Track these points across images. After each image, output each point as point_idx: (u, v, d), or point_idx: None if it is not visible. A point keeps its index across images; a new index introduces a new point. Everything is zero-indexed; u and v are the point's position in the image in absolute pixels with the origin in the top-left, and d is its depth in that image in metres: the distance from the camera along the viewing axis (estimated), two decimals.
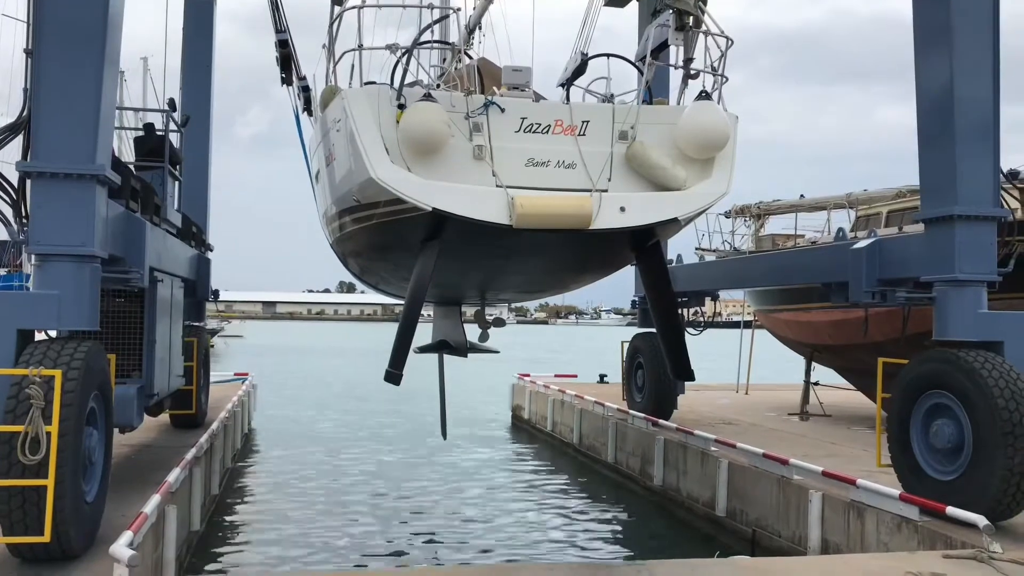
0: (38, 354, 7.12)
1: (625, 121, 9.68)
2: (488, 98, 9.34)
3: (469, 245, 9.93)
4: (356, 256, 12.42)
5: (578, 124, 9.56)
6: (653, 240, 10.51)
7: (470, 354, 14.66)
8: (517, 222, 8.82)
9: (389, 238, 10.26)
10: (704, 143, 9.69)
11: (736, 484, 12.32)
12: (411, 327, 9.90)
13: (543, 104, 9.80)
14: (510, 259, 10.80)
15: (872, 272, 10.87)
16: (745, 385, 22.32)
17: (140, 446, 12.87)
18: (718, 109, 9.78)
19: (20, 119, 7.90)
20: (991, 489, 8.59)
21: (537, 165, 9.39)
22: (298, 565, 11.22)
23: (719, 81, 9.96)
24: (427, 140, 8.94)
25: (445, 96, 9.26)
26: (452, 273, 11.22)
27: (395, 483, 16.50)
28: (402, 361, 9.74)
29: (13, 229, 8.10)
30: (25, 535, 6.82)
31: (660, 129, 9.77)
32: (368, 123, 9.03)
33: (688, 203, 9.70)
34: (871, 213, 16.92)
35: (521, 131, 9.42)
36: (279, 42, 13.90)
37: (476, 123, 9.25)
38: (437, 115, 8.91)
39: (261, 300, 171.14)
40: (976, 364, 8.86)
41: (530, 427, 23.43)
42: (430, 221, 9.11)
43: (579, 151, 9.48)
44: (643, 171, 9.61)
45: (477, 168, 9.21)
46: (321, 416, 26.70)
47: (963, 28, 9.45)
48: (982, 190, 9.55)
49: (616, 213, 9.24)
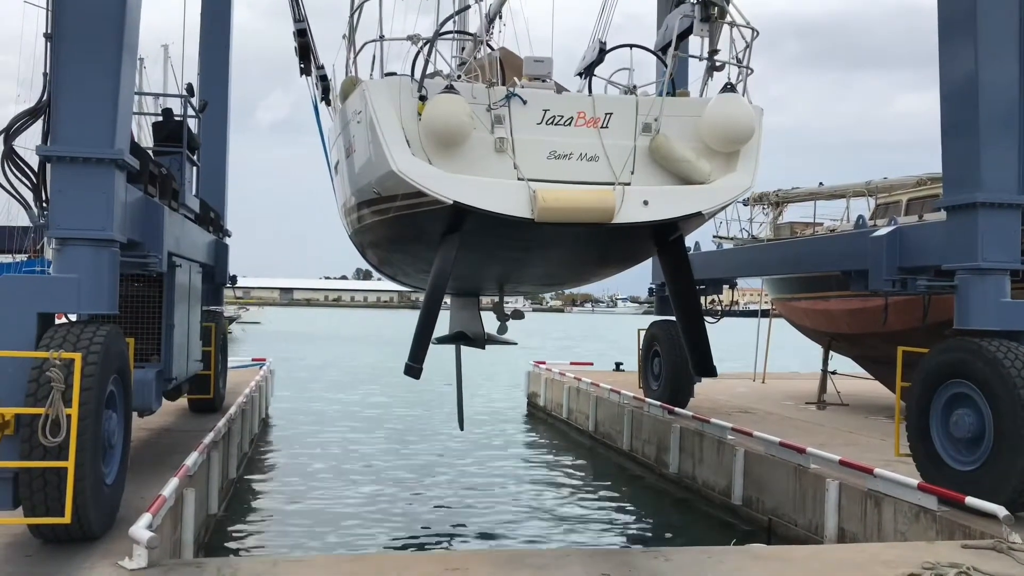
0: (58, 337, 7.18)
1: (649, 113, 9.56)
2: (510, 90, 9.24)
3: (490, 238, 9.85)
4: (375, 248, 12.39)
5: (601, 116, 9.45)
6: (676, 234, 10.38)
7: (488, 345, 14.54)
8: (539, 216, 8.73)
9: (409, 231, 10.21)
10: (729, 136, 9.55)
11: (752, 472, 12.28)
12: (431, 320, 9.82)
13: (565, 96, 9.67)
14: (531, 252, 10.73)
15: (892, 260, 10.76)
16: (762, 374, 22.23)
17: (159, 430, 12.99)
18: (743, 102, 9.63)
19: (40, 104, 7.93)
20: (1012, 479, 8.52)
21: (559, 158, 9.29)
22: (314, 548, 11.30)
23: (744, 73, 9.81)
24: (450, 133, 8.86)
25: (466, 88, 9.16)
26: (472, 265, 11.15)
27: (410, 468, 16.57)
28: (422, 355, 9.66)
29: (34, 213, 8.14)
30: (46, 516, 6.90)
31: (684, 122, 9.64)
32: (389, 115, 8.95)
33: (712, 197, 9.57)
34: (891, 201, 16.75)
35: (543, 123, 9.32)
36: (297, 32, 13.88)
37: (498, 115, 9.15)
38: (460, 108, 8.82)
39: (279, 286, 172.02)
40: (999, 354, 8.77)
41: (545, 414, 23.45)
42: (451, 214, 9.04)
43: (602, 144, 9.38)
44: (667, 164, 9.50)
45: (499, 161, 9.13)
46: (338, 402, 26.84)
47: (988, 14, 9.30)
48: (1006, 177, 9.42)
49: (639, 207, 9.12)
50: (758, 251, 17.84)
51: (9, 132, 7.92)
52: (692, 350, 10.75)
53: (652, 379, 17.77)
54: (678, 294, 10.79)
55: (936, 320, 11.59)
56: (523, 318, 13.52)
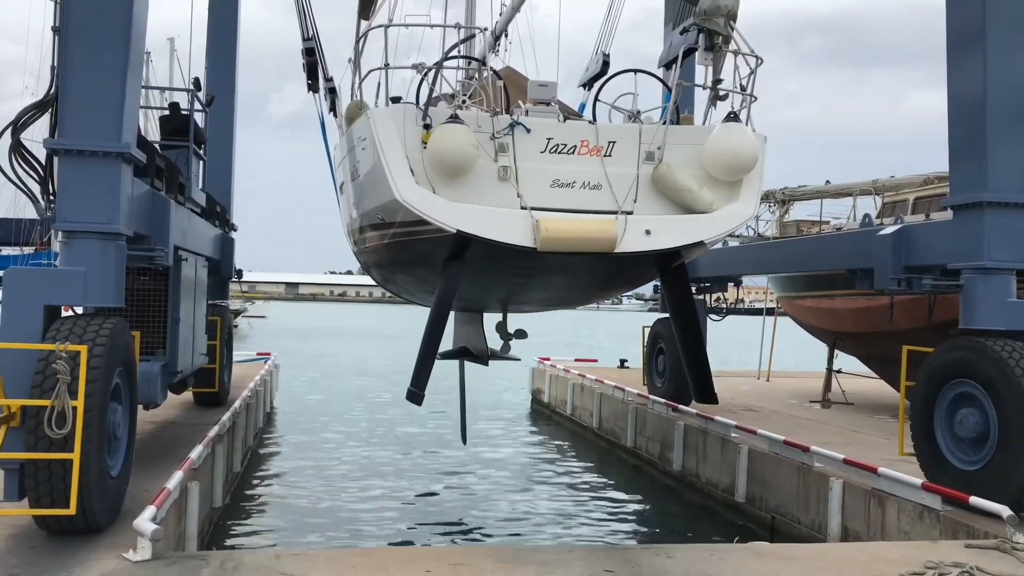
0: (64, 330, 7.20)
1: (652, 142, 9.52)
2: (514, 119, 9.25)
3: (493, 265, 9.85)
4: (379, 268, 12.37)
5: (604, 145, 9.43)
6: (678, 261, 10.32)
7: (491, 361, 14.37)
8: (541, 245, 8.73)
9: (413, 255, 10.22)
10: (732, 166, 9.49)
11: (756, 470, 12.28)
12: (434, 346, 9.75)
13: (569, 125, 9.61)
14: (534, 278, 10.73)
15: (898, 259, 10.73)
16: (767, 372, 22.21)
17: (164, 423, 13.03)
18: (747, 131, 9.55)
19: (48, 97, 7.96)
20: (1016, 479, 8.50)
21: (562, 186, 9.28)
22: (318, 543, 11.34)
23: (748, 101, 9.74)
24: (454, 163, 8.87)
25: (471, 116, 9.14)
26: (475, 288, 11.15)
27: (415, 463, 16.61)
28: (424, 380, 9.60)
29: (41, 207, 8.16)
30: (51, 508, 6.93)
31: (687, 150, 9.59)
32: (393, 143, 8.96)
33: (714, 227, 9.54)
34: (898, 200, 16.70)
35: (547, 151, 9.32)
36: (305, 50, 13.91)
37: (502, 144, 9.16)
38: (465, 138, 8.82)
39: (284, 281, 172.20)
40: (1004, 353, 8.75)
41: (550, 411, 23.46)
42: (454, 242, 9.06)
43: (605, 172, 9.36)
44: (669, 193, 9.46)
45: (502, 189, 9.13)
46: (342, 396, 26.88)
47: (997, 12, 9.27)
48: (1013, 176, 9.38)
49: (641, 236, 9.11)
50: (764, 249, 17.80)
51: (17, 125, 7.95)
52: (693, 376, 10.65)
53: (656, 376, 17.77)
54: (679, 319, 10.69)
55: (942, 319, 11.55)
56: (526, 337, 13.39)
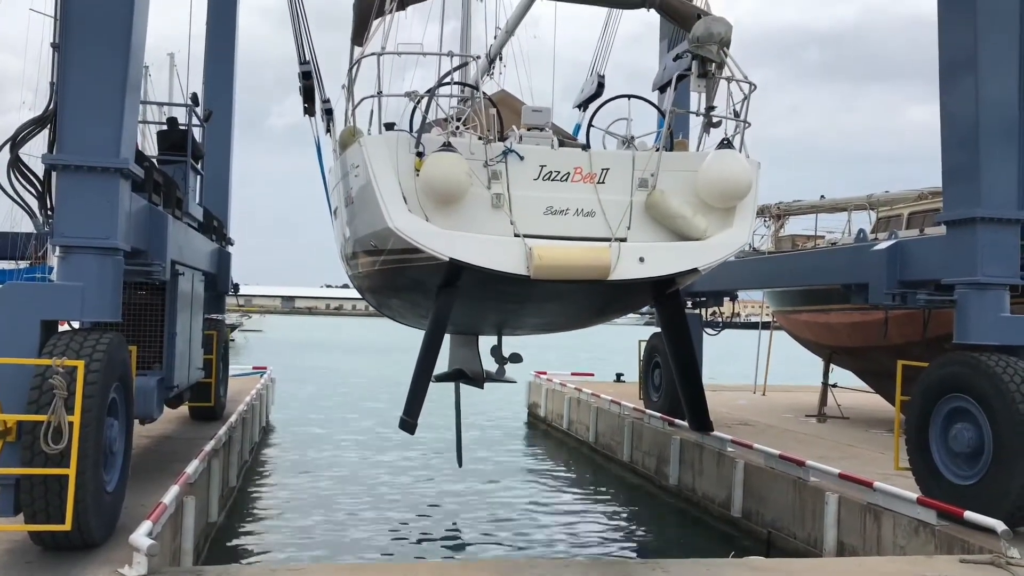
0: (61, 345, 7.21)
1: (645, 169, 9.52)
2: (507, 146, 9.26)
3: (486, 292, 9.84)
4: (372, 292, 12.37)
5: (597, 172, 9.43)
6: (673, 288, 10.34)
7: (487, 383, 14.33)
8: (535, 273, 8.73)
9: (406, 282, 10.21)
10: (726, 193, 9.50)
11: (752, 485, 12.28)
12: (427, 374, 9.71)
13: (562, 152, 9.59)
14: (528, 304, 10.73)
15: (893, 274, 10.79)
16: (763, 386, 22.23)
17: (160, 437, 13.01)
18: (740, 158, 9.56)
19: (47, 112, 8.00)
20: (1010, 494, 8.53)
21: (556, 213, 9.27)
22: (314, 557, 11.30)
23: (741, 127, 9.78)
24: (448, 191, 8.85)
25: (464, 143, 9.12)
26: (469, 314, 11.14)
27: (410, 477, 16.57)
28: (417, 409, 9.54)
29: (38, 221, 8.19)
30: (47, 523, 6.92)
31: (681, 176, 9.60)
32: (386, 171, 8.95)
33: (708, 254, 9.56)
34: (892, 215, 16.79)
35: (540, 179, 9.32)
36: (302, 74, 13.99)
37: (495, 171, 9.14)
38: (458, 167, 8.80)
39: (280, 295, 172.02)
40: (998, 368, 8.79)
41: (546, 425, 23.43)
42: (447, 270, 9.05)
43: (598, 199, 9.36)
44: (663, 220, 9.47)
45: (495, 216, 9.12)
46: (338, 410, 26.82)
47: (989, 26, 9.36)
48: (1006, 193, 9.46)
49: (635, 264, 9.11)
50: (759, 263, 17.86)
51: (16, 140, 7.98)
52: (688, 403, 10.66)
53: (653, 390, 17.77)
54: (674, 346, 10.69)
55: (936, 334, 11.62)
56: (521, 361, 13.37)
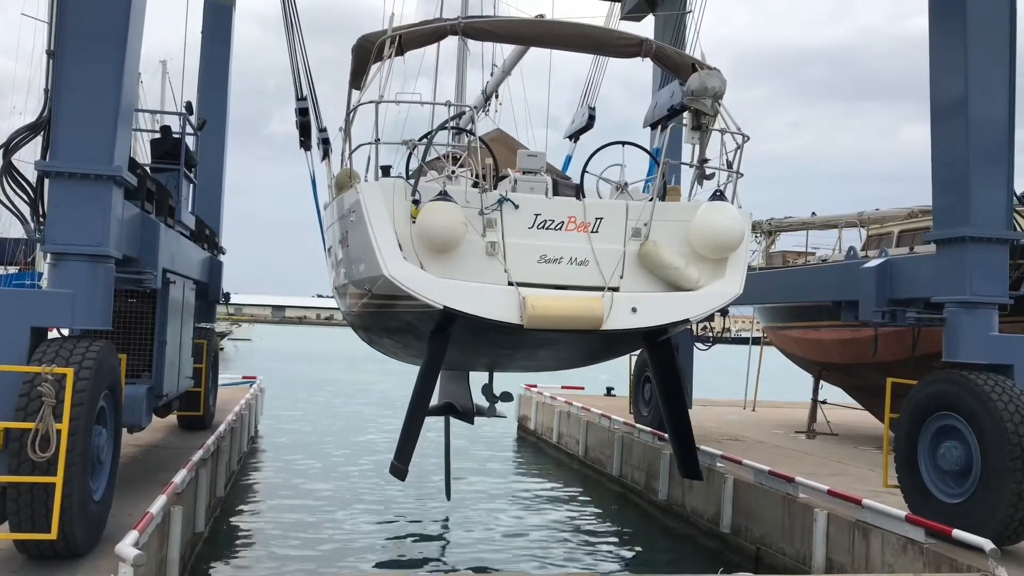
0: (51, 352, 7.18)
1: (639, 218, 9.59)
2: (502, 195, 9.31)
3: (479, 338, 9.87)
4: (365, 331, 12.42)
5: (591, 221, 9.48)
6: (664, 336, 10.37)
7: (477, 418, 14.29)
8: (528, 323, 8.74)
9: (399, 324, 10.23)
10: (718, 244, 9.59)
11: (741, 501, 12.27)
12: (419, 419, 9.71)
13: (557, 201, 9.68)
14: (520, 350, 10.75)
15: (882, 291, 10.85)
16: (752, 402, 22.25)
17: (148, 446, 12.93)
18: (732, 210, 9.65)
19: (40, 119, 7.99)
20: (998, 513, 8.55)
21: (549, 262, 9.32)
22: (302, 568, 11.23)
23: (734, 177, 9.85)
24: (443, 241, 8.89)
25: (459, 191, 9.15)
26: (461, 356, 11.17)
27: (399, 490, 16.49)
28: (408, 454, 9.51)
29: (30, 227, 8.17)
30: (32, 532, 6.86)
31: (674, 226, 9.67)
32: (382, 219, 8.97)
33: (700, 304, 9.65)
34: (882, 232, 16.87)
35: (534, 227, 9.37)
36: (299, 109, 13.99)
37: (490, 219, 9.19)
38: (454, 217, 8.82)
39: (271, 304, 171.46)
40: (986, 387, 8.82)
41: (536, 438, 23.38)
42: (441, 317, 9.07)
43: (592, 248, 9.42)
44: (655, 270, 9.52)
45: (489, 264, 9.15)
46: (327, 420, 26.72)
47: (979, 47, 9.45)
48: (995, 212, 9.53)
49: (627, 314, 9.14)
50: (750, 279, 17.78)
51: (8, 147, 7.97)
52: (677, 449, 10.67)
53: (643, 405, 17.77)
54: (665, 392, 10.70)
55: (925, 352, 11.66)
56: (511, 400, 13.28)
